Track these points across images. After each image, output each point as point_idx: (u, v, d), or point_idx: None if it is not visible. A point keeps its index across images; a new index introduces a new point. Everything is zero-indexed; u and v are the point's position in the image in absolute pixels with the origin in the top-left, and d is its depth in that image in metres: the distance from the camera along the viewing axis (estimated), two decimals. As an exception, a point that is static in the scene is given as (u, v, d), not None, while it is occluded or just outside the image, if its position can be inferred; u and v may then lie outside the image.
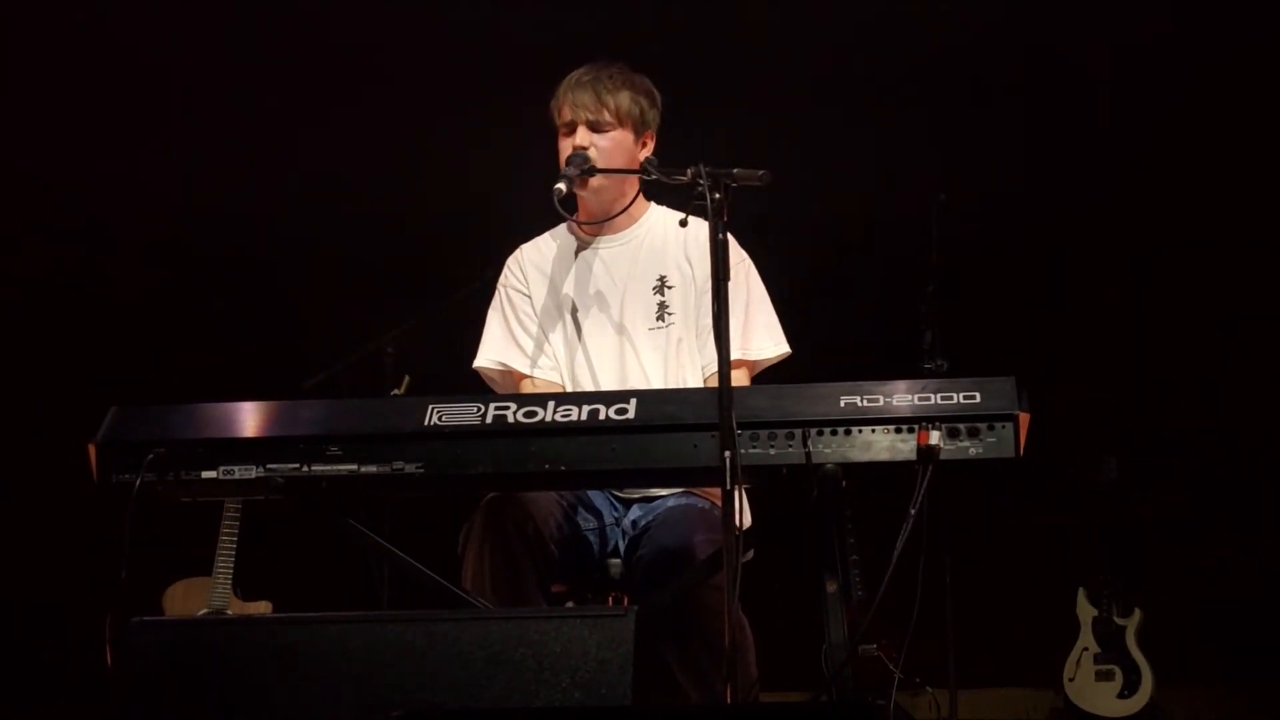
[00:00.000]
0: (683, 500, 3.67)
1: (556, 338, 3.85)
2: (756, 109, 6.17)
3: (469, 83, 6.22)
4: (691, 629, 3.40)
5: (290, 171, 6.29)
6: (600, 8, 5.93)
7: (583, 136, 3.74)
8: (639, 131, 3.81)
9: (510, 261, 3.95)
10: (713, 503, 3.57)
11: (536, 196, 3.67)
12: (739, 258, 3.82)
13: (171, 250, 6.40)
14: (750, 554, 3.52)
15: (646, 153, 3.81)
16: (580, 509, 3.69)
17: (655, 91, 3.86)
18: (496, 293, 3.94)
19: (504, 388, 3.87)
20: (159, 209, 6.38)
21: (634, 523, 3.71)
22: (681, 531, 3.51)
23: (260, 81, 6.26)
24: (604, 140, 3.75)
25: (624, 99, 3.76)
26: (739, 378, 3.72)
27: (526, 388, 3.83)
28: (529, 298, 3.88)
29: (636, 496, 3.75)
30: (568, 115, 3.77)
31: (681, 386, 3.76)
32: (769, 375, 3.85)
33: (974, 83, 6.16)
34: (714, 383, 3.08)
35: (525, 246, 3.96)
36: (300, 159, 6.30)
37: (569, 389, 3.81)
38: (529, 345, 3.85)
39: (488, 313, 3.94)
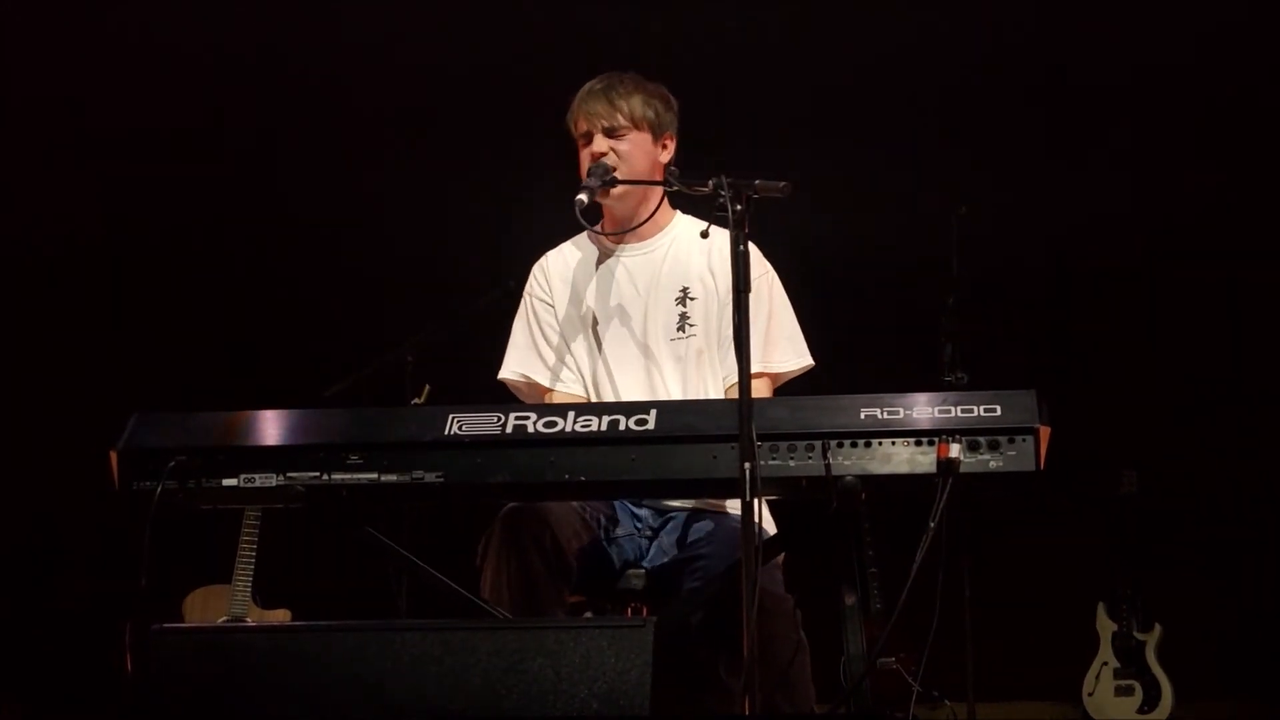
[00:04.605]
0: (724, 522, 3.65)
1: (579, 347, 3.85)
2: (776, 118, 6.18)
3: (486, 92, 6.24)
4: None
5: (307, 178, 6.32)
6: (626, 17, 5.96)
7: (600, 144, 3.74)
8: (657, 134, 3.81)
9: (535, 270, 3.96)
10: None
11: (558, 204, 3.69)
12: (763, 269, 3.82)
13: (192, 257, 6.42)
14: (781, 557, 3.53)
15: (667, 155, 3.83)
16: (599, 518, 3.68)
17: (670, 96, 3.87)
18: (522, 301, 3.95)
19: (528, 398, 3.87)
20: (178, 214, 6.41)
21: (676, 542, 3.69)
22: (736, 563, 3.44)
23: (277, 90, 6.29)
24: (622, 145, 3.75)
25: (637, 102, 3.77)
26: (761, 389, 3.72)
27: (549, 400, 3.83)
28: (553, 307, 3.89)
29: (663, 508, 3.74)
30: (583, 126, 3.78)
31: (700, 398, 3.76)
32: (791, 387, 3.85)
33: (994, 96, 6.16)
34: (735, 394, 3.07)
35: (550, 254, 3.97)
36: (319, 166, 6.32)
37: (591, 399, 3.81)
38: (551, 357, 3.86)
39: (514, 321, 3.95)
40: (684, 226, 3.90)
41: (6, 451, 6.23)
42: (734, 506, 3.69)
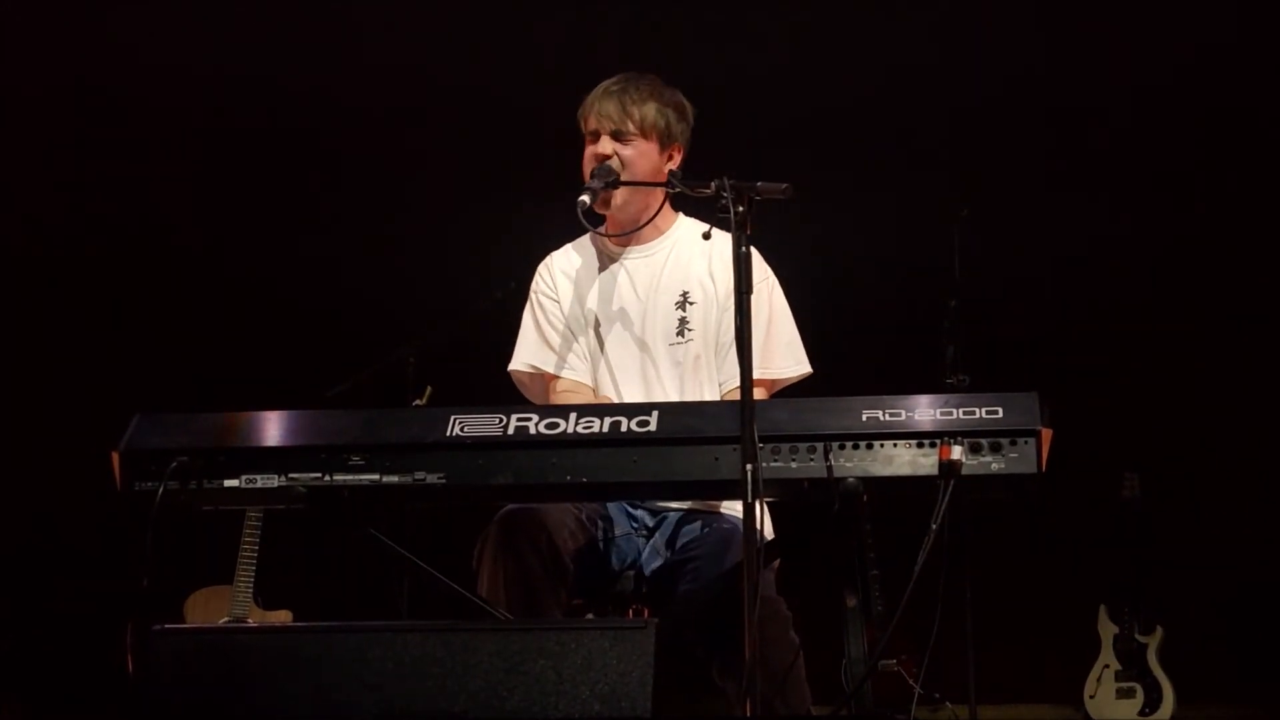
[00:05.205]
0: (718, 524, 3.66)
1: (584, 344, 3.86)
2: (779, 121, 6.18)
3: (488, 95, 6.24)
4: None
5: (309, 179, 6.32)
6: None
7: (606, 146, 3.74)
8: (665, 144, 3.80)
9: (541, 268, 3.97)
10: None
11: (559, 206, 3.69)
12: (763, 275, 3.81)
13: (195, 258, 6.42)
14: (777, 562, 3.53)
15: (673, 165, 3.80)
16: (596, 520, 3.69)
17: (687, 105, 3.85)
18: (529, 298, 3.96)
19: (533, 390, 3.88)
20: (180, 214, 6.42)
21: (667, 543, 3.69)
22: (730, 567, 3.45)
23: (279, 91, 6.30)
24: (627, 150, 3.75)
25: (650, 110, 3.76)
26: (758, 396, 3.69)
27: (556, 388, 3.84)
28: (558, 303, 3.90)
29: (659, 508, 3.74)
30: (593, 124, 3.78)
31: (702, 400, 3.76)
32: (791, 389, 3.85)
33: (998, 100, 6.17)
34: (733, 399, 3.07)
35: (555, 254, 3.98)
36: (321, 167, 6.33)
37: (596, 390, 3.82)
38: (561, 348, 3.87)
39: (522, 318, 3.96)
40: (686, 230, 3.90)
41: (6, 451, 6.23)
42: (728, 508, 3.69)
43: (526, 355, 3.91)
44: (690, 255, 3.85)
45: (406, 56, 6.27)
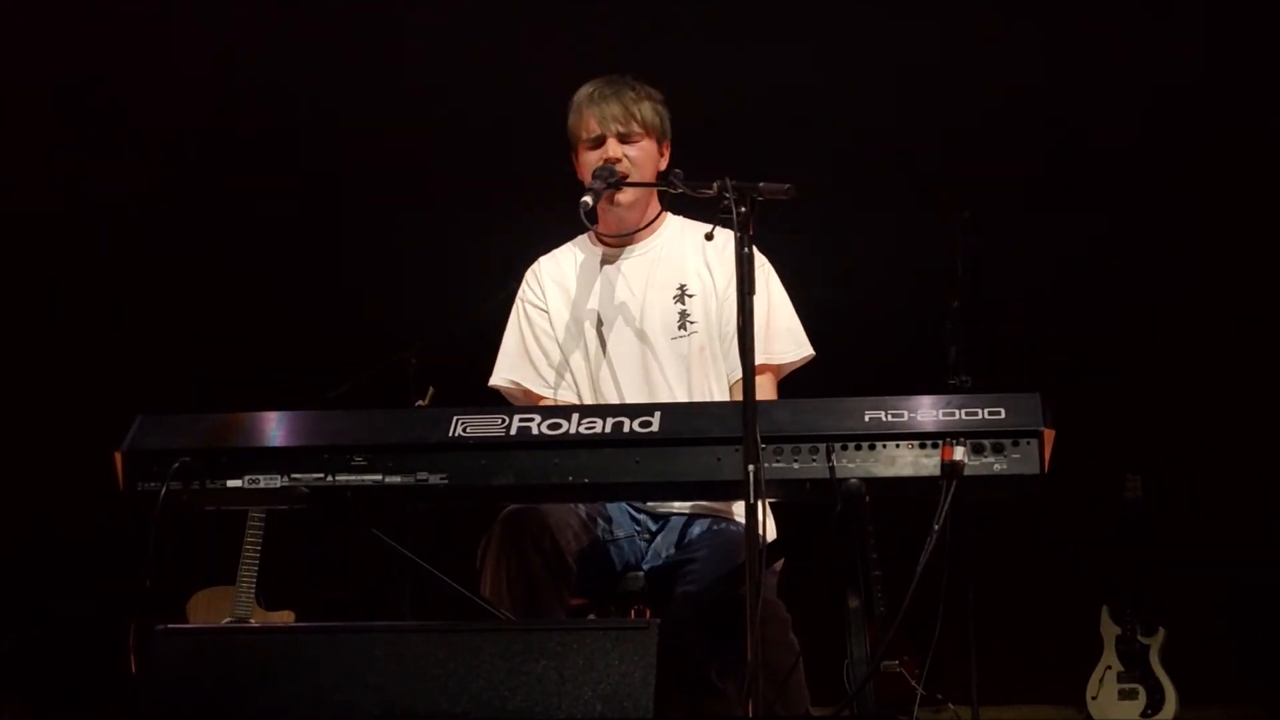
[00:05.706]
0: (720, 526, 3.66)
1: (578, 351, 3.84)
2: (781, 122, 6.18)
3: (487, 98, 6.25)
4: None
5: (311, 180, 6.32)
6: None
7: (614, 149, 3.74)
8: (660, 141, 3.83)
9: (528, 275, 3.95)
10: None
11: (560, 207, 3.69)
12: (758, 261, 3.81)
13: (195, 258, 6.42)
14: (780, 563, 3.54)
15: (664, 162, 3.84)
16: (598, 521, 3.69)
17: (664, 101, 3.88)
18: (514, 306, 3.94)
19: (520, 404, 3.86)
20: (183, 215, 6.42)
21: (670, 546, 3.69)
22: (730, 568, 3.45)
23: (281, 92, 6.30)
24: (634, 151, 3.76)
25: (648, 109, 3.79)
26: (763, 383, 3.72)
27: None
28: (546, 313, 3.88)
29: (661, 511, 3.74)
30: (596, 129, 3.77)
31: (705, 395, 3.76)
32: (793, 383, 3.85)
33: (998, 101, 6.17)
34: (740, 390, 3.06)
35: (543, 260, 3.96)
36: (322, 168, 6.33)
37: (589, 403, 3.80)
38: (543, 363, 3.85)
39: (507, 326, 3.94)
40: (675, 226, 3.91)
41: (7, 451, 6.23)
42: (734, 511, 3.69)
43: (509, 370, 3.88)
44: (683, 250, 3.86)
45: (407, 57, 6.27)
